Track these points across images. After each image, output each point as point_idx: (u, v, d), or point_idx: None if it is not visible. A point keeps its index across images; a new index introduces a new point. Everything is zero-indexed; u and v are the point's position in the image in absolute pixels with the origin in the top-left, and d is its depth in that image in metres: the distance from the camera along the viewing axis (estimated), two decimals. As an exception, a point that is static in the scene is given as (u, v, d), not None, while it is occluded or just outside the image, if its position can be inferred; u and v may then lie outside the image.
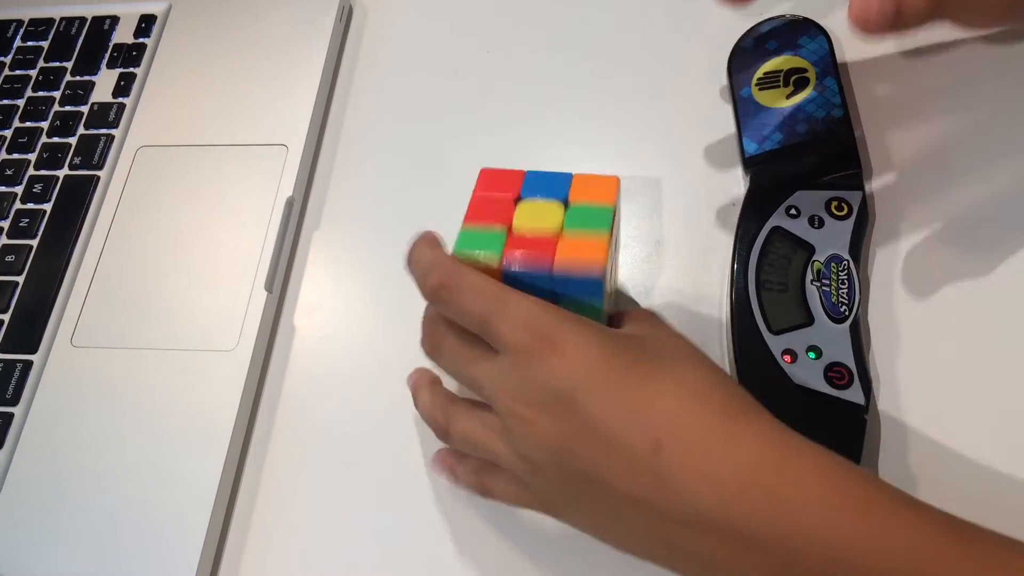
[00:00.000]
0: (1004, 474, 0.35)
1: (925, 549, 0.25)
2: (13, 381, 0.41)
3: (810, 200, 0.40)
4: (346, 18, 0.53)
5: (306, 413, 0.41)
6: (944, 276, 0.39)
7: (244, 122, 0.48)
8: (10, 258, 0.45)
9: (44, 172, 0.48)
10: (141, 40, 0.52)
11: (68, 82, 0.51)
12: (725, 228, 0.42)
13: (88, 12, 0.53)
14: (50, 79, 0.51)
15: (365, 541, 0.37)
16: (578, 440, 0.28)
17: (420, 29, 0.52)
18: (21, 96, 0.51)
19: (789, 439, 0.27)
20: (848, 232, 0.39)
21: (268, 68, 0.49)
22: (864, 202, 0.40)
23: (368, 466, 0.39)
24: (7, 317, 0.43)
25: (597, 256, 0.30)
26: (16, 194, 0.47)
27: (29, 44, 0.53)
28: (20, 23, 0.54)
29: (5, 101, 0.51)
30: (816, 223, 0.39)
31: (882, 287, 0.39)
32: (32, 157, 0.48)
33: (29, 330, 0.43)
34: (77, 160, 0.48)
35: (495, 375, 0.30)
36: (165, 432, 0.39)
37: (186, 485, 0.38)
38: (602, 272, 0.30)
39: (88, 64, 0.51)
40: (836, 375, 0.36)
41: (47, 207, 0.46)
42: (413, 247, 0.33)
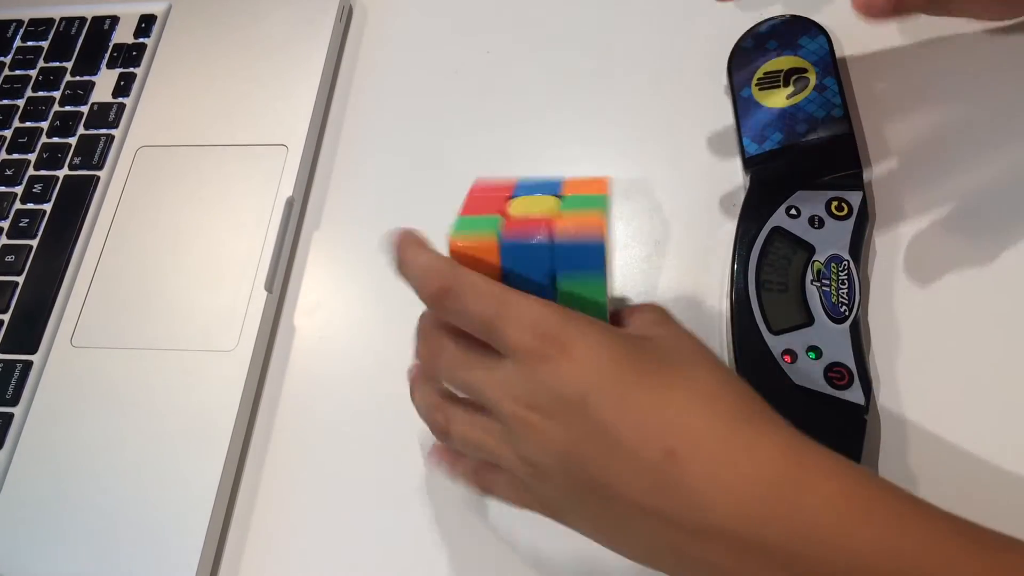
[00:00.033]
0: (1004, 474, 0.35)
1: (945, 559, 0.24)
2: (13, 381, 0.41)
3: (810, 200, 0.40)
4: (346, 18, 0.53)
5: (306, 413, 0.41)
6: (944, 276, 0.39)
7: (244, 122, 0.48)
8: (10, 258, 0.45)
9: (44, 172, 0.48)
10: (141, 40, 0.52)
11: (68, 82, 0.51)
12: (725, 228, 0.42)
13: (88, 12, 0.53)
14: (50, 79, 0.51)
15: (365, 541, 0.37)
16: (588, 446, 0.27)
17: (420, 29, 0.52)
18: (21, 96, 0.51)
19: (805, 447, 0.27)
20: (848, 232, 0.39)
21: (268, 68, 0.49)
22: (864, 202, 0.40)
23: (368, 466, 0.39)
24: (7, 317, 0.43)
25: (597, 221, 0.29)
26: (16, 194, 0.47)
27: (29, 44, 0.53)
28: (20, 23, 0.54)
29: (5, 101, 0.51)
30: (816, 223, 0.39)
31: (882, 287, 0.39)
32: (32, 157, 0.48)
33: (29, 330, 0.43)
34: (77, 160, 0.48)
35: (499, 380, 0.29)
36: (165, 432, 0.39)
37: (186, 485, 0.38)
38: (603, 237, 0.29)
39: (88, 64, 0.51)
40: (836, 375, 0.36)
41: (47, 207, 0.46)
42: (402, 250, 0.31)
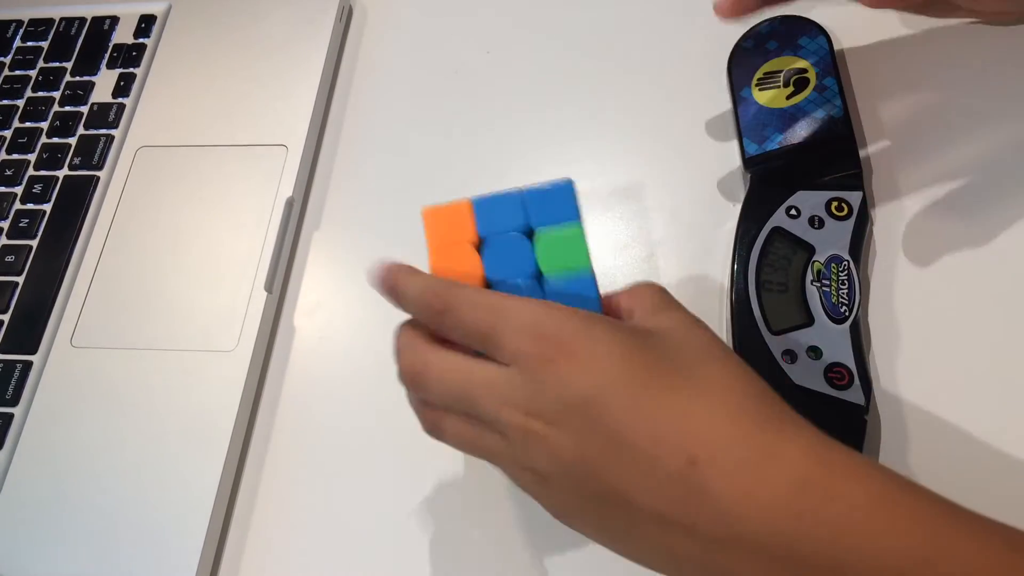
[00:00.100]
0: (1005, 474, 0.35)
1: (978, 560, 0.23)
2: (13, 381, 0.41)
3: (810, 200, 0.40)
4: (346, 18, 0.53)
5: (306, 413, 0.41)
6: (944, 276, 0.39)
7: (244, 122, 0.48)
8: (10, 258, 0.45)
9: (44, 172, 0.48)
10: (141, 40, 0.52)
11: (68, 82, 0.51)
12: (725, 228, 0.42)
13: (88, 12, 0.53)
14: (50, 79, 0.51)
15: (365, 541, 0.37)
16: (599, 455, 0.26)
17: (420, 29, 0.52)
18: (21, 96, 0.51)
19: (829, 449, 0.26)
20: (848, 232, 0.39)
21: (268, 68, 0.49)
22: (864, 202, 0.40)
23: (368, 466, 0.39)
24: (7, 317, 0.43)
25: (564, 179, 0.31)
26: (16, 194, 0.47)
27: (29, 44, 0.53)
28: (20, 23, 0.54)
29: (5, 101, 0.51)
30: (816, 223, 0.39)
31: (882, 287, 0.39)
32: (32, 157, 0.48)
33: (29, 330, 0.43)
34: (77, 160, 0.48)
35: (497, 389, 0.27)
36: (165, 432, 0.39)
37: (186, 485, 0.38)
38: (571, 181, 0.31)
39: (88, 64, 0.51)
40: (836, 375, 0.36)
41: (47, 207, 0.46)
42: (395, 280, 0.30)
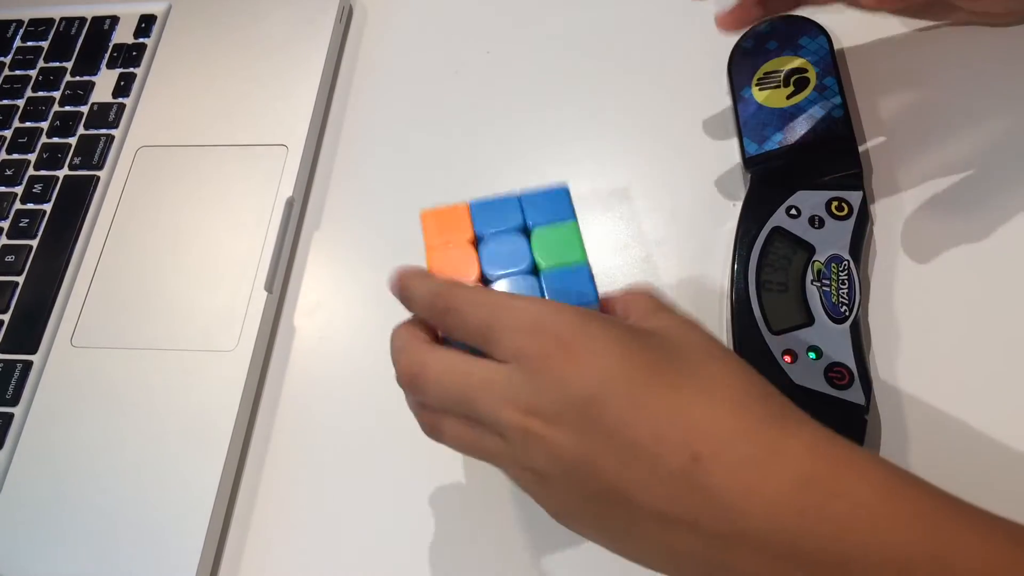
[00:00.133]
0: (1005, 473, 0.35)
1: (982, 554, 0.23)
2: (13, 381, 0.41)
3: (810, 200, 0.40)
4: (346, 18, 0.53)
5: (306, 413, 0.41)
6: (945, 276, 0.39)
7: (244, 122, 0.48)
8: (10, 258, 0.45)
9: (44, 172, 0.48)
10: (141, 40, 0.52)
11: (68, 82, 0.51)
12: (725, 228, 0.42)
13: (88, 12, 0.53)
14: (50, 79, 0.51)
15: (365, 541, 0.37)
16: (601, 453, 0.25)
17: (420, 29, 0.52)
18: (21, 96, 0.51)
19: (833, 445, 0.25)
20: (848, 232, 0.39)
21: (268, 68, 0.49)
22: (864, 202, 0.40)
23: (368, 466, 0.39)
24: (7, 317, 0.43)
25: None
26: (16, 194, 0.47)
27: (29, 44, 0.53)
28: (20, 23, 0.54)
29: (5, 101, 0.51)
30: (816, 223, 0.39)
31: (882, 287, 0.39)
32: (32, 157, 0.48)
33: (29, 330, 0.43)
34: (77, 160, 0.48)
35: (496, 389, 0.27)
36: (165, 432, 0.39)
37: (186, 485, 0.38)
38: (566, 185, 0.32)
39: (88, 64, 0.51)
40: (836, 375, 0.36)
41: (47, 207, 0.46)
42: (404, 284, 0.30)
